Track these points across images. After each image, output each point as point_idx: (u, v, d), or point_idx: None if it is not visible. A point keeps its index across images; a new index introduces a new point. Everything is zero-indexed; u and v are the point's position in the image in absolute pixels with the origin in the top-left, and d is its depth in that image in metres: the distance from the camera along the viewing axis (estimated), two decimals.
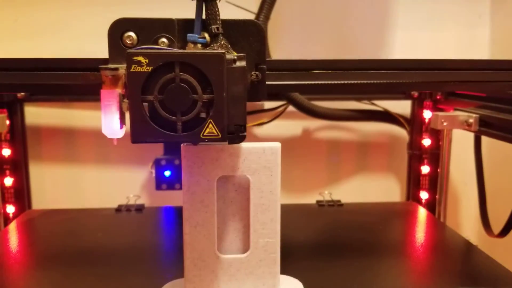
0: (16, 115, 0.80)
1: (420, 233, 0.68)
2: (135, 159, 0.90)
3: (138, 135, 0.38)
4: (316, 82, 0.51)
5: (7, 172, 0.81)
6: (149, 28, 0.43)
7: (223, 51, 0.39)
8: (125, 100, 0.39)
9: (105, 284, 0.51)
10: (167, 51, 0.40)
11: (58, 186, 0.89)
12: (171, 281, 0.49)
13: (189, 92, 0.38)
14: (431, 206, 0.86)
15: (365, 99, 0.88)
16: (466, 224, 0.96)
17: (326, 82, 0.51)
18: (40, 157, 0.88)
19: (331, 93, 0.84)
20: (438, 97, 0.84)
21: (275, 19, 0.84)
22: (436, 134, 0.85)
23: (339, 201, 0.79)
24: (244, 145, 0.44)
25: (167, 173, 0.81)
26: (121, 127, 0.40)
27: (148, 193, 0.90)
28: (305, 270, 0.53)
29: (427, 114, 0.85)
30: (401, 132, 0.91)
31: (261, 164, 0.45)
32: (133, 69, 0.37)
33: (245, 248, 0.46)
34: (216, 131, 0.39)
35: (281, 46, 0.88)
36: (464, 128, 0.73)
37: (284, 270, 0.48)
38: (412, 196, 0.89)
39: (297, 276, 0.50)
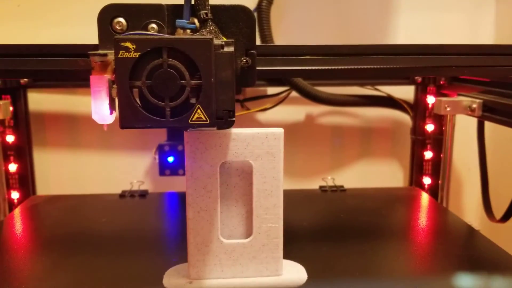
0: (19, 101, 0.80)
1: (423, 218, 0.69)
2: (139, 145, 0.90)
3: (126, 120, 0.38)
4: (307, 68, 0.50)
5: (11, 158, 0.81)
6: (138, 14, 0.43)
7: (211, 36, 0.39)
8: (115, 86, 0.39)
9: (109, 269, 0.52)
10: (154, 36, 0.40)
11: (62, 172, 0.90)
12: (175, 265, 0.49)
13: (177, 77, 0.38)
14: (434, 191, 0.86)
15: (368, 85, 0.87)
16: (469, 209, 0.96)
17: (317, 67, 0.50)
18: (44, 143, 0.89)
19: (325, 79, 0.84)
20: (441, 82, 0.83)
21: (278, 4, 0.84)
22: (440, 120, 0.85)
23: (342, 186, 0.80)
24: (247, 130, 0.44)
25: (170, 159, 0.82)
26: (111, 113, 0.40)
27: (151, 179, 0.91)
28: (307, 255, 0.53)
29: (430, 100, 0.85)
30: (404, 118, 0.91)
31: (264, 150, 0.45)
32: (121, 54, 0.37)
33: (248, 233, 0.47)
34: (205, 117, 0.39)
35: (284, 31, 0.87)
36: (468, 113, 0.73)
37: (287, 255, 0.48)
38: (415, 181, 0.89)
39: (299, 261, 0.50)
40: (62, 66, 0.49)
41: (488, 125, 0.77)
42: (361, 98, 0.88)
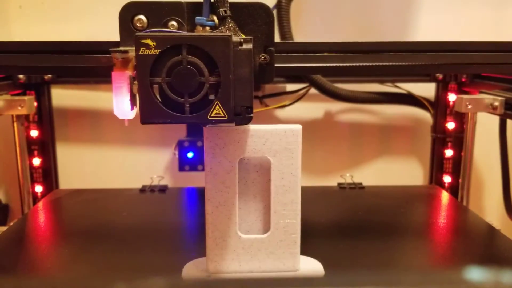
0: (43, 97, 0.82)
1: (443, 216, 0.68)
2: (159, 140, 0.91)
3: (147, 116, 0.39)
4: (326, 65, 0.50)
5: (35, 152, 0.83)
6: (158, 11, 0.44)
7: (229, 33, 0.40)
8: (135, 82, 0.40)
9: (129, 262, 0.52)
10: (174, 33, 0.40)
11: (84, 167, 0.91)
12: (193, 259, 0.50)
13: (196, 74, 0.38)
14: (454, 190, 0.85)
15: (388, 82, 0.87)
16: (490, 208, 0.95)
17: (335, 64, 0.50)
18: (67, 138, 0.90)
19: (343, 76, 0.83)
20: (463, 80, 0.82)
21: (298, 1, 0.83)
22: (461, 117, 0.84)
23: (360, 183, 0.79)
24: (265, 126, 0.45)
25: (190, 154, 0.82)
26: (132, 109, 0.41)
27: (171, 174, 0.92)
28: (325, 252, 0.54)
29: (451, 97, 0.84)
30: (425, 115, 0.90)
31: (282, 146, 0.45)
32: (142, 51, 0.38)
33: (266, 228, 0.47)
34: (223, 112, 0.39)
35: (304, 28, 0.87)
36: (489, 111, 0.72)
37: (304, 251, 0.49)
38: (435, 179, 0.88)
39: (317, 257, 0.50)
40: (84, 62, 0.50)
41: (510, 123, 0.76)
42: (381, 95, 0.87)
